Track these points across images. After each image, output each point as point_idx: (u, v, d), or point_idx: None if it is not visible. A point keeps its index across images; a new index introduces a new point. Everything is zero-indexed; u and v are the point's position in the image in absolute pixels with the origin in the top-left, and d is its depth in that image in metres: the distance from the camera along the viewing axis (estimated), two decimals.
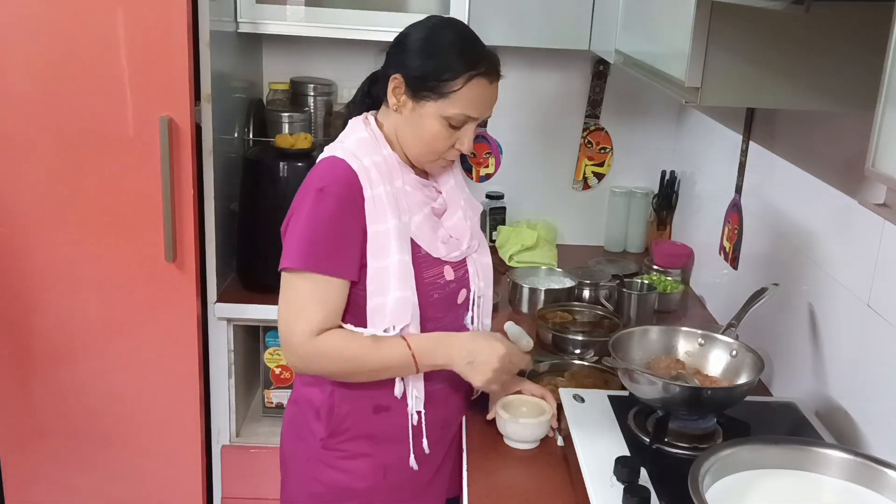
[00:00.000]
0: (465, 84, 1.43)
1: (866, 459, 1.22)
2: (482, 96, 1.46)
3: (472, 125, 1.48)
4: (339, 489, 1.56)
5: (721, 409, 1.46)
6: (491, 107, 1.50)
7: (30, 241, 2.21)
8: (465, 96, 1.44)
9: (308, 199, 1.43)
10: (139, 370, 2.32)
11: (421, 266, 1.49)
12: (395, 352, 1.44)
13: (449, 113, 1.44)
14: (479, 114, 1.47)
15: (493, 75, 1.47)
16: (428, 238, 1.51)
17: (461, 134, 1.48)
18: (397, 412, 1.53)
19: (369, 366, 1.45)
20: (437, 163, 1.52)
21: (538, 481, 1.46)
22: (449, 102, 1.44)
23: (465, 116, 1.45)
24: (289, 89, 2.64)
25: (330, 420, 1.54)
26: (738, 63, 1.30)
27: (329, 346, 1.43)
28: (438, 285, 1.52)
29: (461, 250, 1.57)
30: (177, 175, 2.15)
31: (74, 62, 2.08)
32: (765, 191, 1.99)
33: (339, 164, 1.45)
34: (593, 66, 2.74)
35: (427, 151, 1.49)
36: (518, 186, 2.83)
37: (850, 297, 1.53)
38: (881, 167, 0.77)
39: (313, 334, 1.42)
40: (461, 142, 1.48)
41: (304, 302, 1.43)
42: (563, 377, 1.78)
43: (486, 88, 1.46)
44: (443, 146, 1.48)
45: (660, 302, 2.24)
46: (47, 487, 2.41)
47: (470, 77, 1.43)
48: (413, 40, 1.48)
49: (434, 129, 1.46)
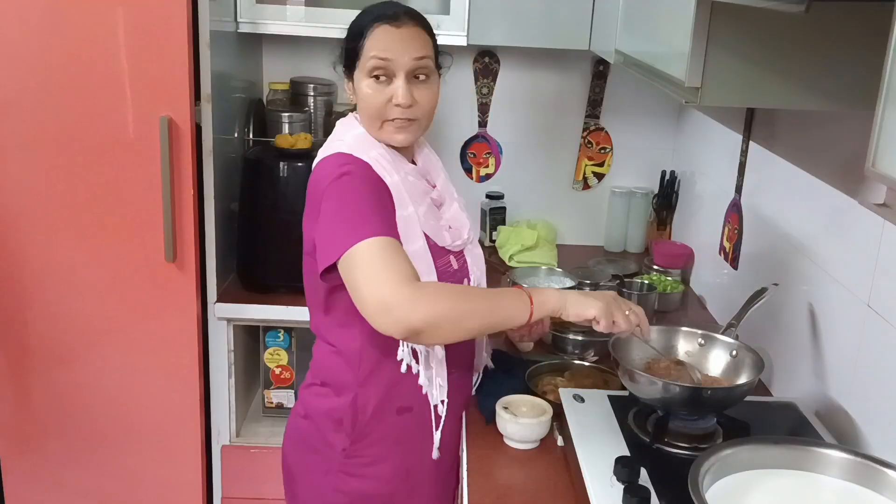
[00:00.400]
0: (369, 34, 1.46)
1: (866, 459, 1.22)
2: (387, 38, 1.46)
3: (401, 75, 1.46)
4: (362, 496, 1.56)
5: (721, 409, 1.46)
6: (406, 48, 1.46)
7: (30, 241, 2.21)
8: (371, 45, 1.46)
9: (333, 187, 1.39)
10: (139, 370, 2.32)
11: (433, 255, 1.50)
12: (508, 291, 1.42)
13: (367, 66, 1.46)
14: (391, 55, 1.45)
15: (397, 19, 1.47)
16: (433, 227, 1.52)
17: (392, 87, 1.46)
18: (419, 411, 1.54)
19: (483, 301, 1.37)
20: (385, 128, 1.49)
21: (538, 481, 1.46)
22: (364, 59, 1.47)
23: (376, 59, 1.45)
24: (289, 89, 2.64)
25: (354, 428, 1.53)
26: (738, 63, 1.30)
27: (437, 287, 1.36)
28: (448, 273, 1.54)
29: (462, 239, 1.59)
30: (177, 175, 2.15)
31: (74, 62, 2.08)
32: (765, 191, 1.99)
33: (347, 156, 1.45)
34: (593, 66, 2.74)
35: (372, 119, 1.49)
36: (518, 186, 2.83)
37: (850, 297, 1.53)
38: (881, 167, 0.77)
39: (408, 280, 1.29)
40: (395, 94, 1.46)
41: (382, 260, 1.31)
42: (563, 377, 1.78)
43: (392, 32, 1.46)
44: (376, 104, 1.47)
45: (660, 302, 2.24)
46: (47, 487, 2.41)
47: (371, 26, 1.46)
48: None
49: (365, 91, 1.47)
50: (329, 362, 1.56)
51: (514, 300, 1.37)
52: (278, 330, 2.47)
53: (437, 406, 1.55)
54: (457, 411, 1.64)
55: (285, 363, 2.50)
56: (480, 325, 1.38)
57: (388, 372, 1.51)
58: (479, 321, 1.36)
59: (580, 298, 1.41)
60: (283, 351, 2.49)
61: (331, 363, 1.55)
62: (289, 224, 2.33)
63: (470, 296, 1.38)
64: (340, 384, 1.54)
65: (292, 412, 1.67)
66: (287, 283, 2.37)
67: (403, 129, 1.49)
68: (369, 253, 1.31)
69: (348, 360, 1.52)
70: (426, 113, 1.51)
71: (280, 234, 2.34)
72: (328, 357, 1.56)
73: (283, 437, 1.68)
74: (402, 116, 1.47)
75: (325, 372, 1.57)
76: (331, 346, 1.55)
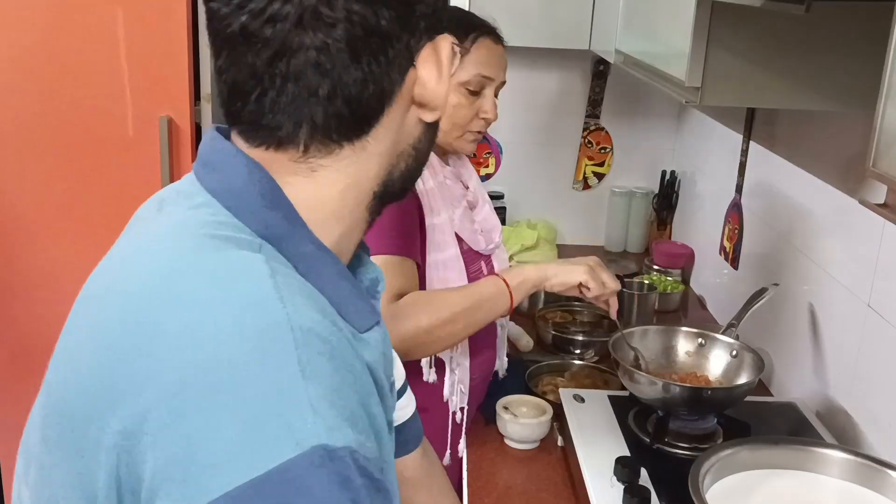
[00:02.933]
0: (473, 45, 1.46)
1: (867, 460, 1.22)
2: (491, 55, 1.48)
3: (491, 90, 1.49)
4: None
5: (721, 409, 1.46)
6: (502, 69, 1.50)
7: (30, 240, 2.21)
8: (474, 58, 1.46)
9: None
10: None
11: (466, 261, 1.50)
12: (483, 284, 1.41)
13: (464, 78, 1.45)
14: (492, 73, 1.48)
15: (496, 36, 1.50)
16: (469, 231, 1.53)
17: (482, 101, 1.48)
18: (435, 413, 1.52)
19: (461, 304, 1.37)
20: (464, 138, 1.51)
21: (538, 481, 1.46)
22: (461, 68, 1.44)
23: (479, 77, 1.46)
24: None
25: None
26: (739, 63, 1.30)
27: (414, 302, 1.35)
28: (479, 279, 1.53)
29: (495, 243, 1.59)
30: (177, 175, 2.16)
31: (74, 62, 2.08)
32: (765, 191, 1.99)
33: None
34: (593, 66, 2.74)
35: (453, 127, 1.49)
36: (518, 186, 2.83)
37: (850, 297, 1.53)
38: (881, 167, 0.77)
39: (394, 298, 1.34)
40: (484, 108, 1.48)
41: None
42: (563, 377, 1.78)
43: (493, 48, 1.48)
44: (466, 116, 1.48)
45: (660, 302, 2.24)
46: None
47: (475, 38, 1.46)
48: None
49: (454, 100, 1.46)
50: None
51: (491, 292, 1.38)
52: None
53: (456, 413, 1.53)
54: (471, 416, 1.63)
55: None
56: (464, 328, 1.39)
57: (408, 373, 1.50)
58: (461, 325, 1.37)
59: (562, 267, 1.41)
60: None
61: None
62: None
63: (447, 302, 1.37)
64: None
65: None
66: None
67: (478, 140, 1.54)
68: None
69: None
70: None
71: None
72: None
73: None
74: (483, 130, 1.51)
75: None
76: None
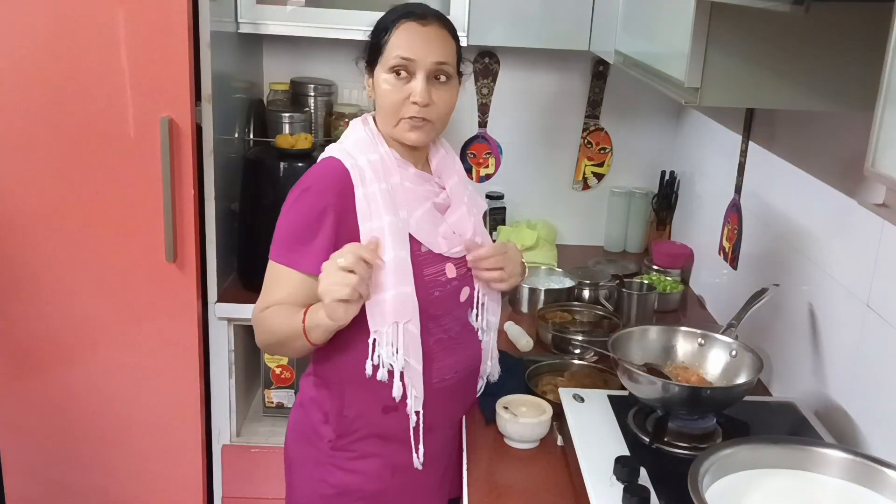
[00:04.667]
0: (394, 31, 1.47)
1: (866, 459, 1.22)
2: (413, 37, 1.47)
3: (422, 73, 1.46)
4: (348, 490, 1.56)
5: (720, 408, 1.46)
6: (431, 49, 1.47)
7: (30, 240, 2.21)
8: (395, 42, 1.47)
9: (291, 197, 1.50)
10: (139, 370, 2.32)
11: (421, 263, 1.49)
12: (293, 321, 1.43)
13: (389, 63, 1.47)
14: (414, 54, 1.46)
15: (423, 18, 1.48)
16: (428, 233, 1.51)
17: (411, 85, 1.47)
18: (405, 412, 1.52)
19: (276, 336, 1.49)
20: (400, 126, 1.50)
21: (538, 481, 1.46)
22: (386, 55, 1.48)
23: (399, 58, 1.46)
24: (289, 89, 2.64)
25: (339, 422, 1.54)
26: (738, 63, 1.30)
27: (263, 319, 1.49)
28: (439, 283, 1.52)
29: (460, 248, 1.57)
30: (177, 175, 2.16)
31: (75, 62, 2.08)
32: (764, 191, 1.99)
33: (333, 163, 1.49)
34: (593, 67, 2.74)
35: (387, 114, 1.50)
36: (518, 186, 2.83)
37: (849, 297, 1.53)
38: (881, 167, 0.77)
39: (259, 311, 1.50)
40: (413, 92, 1.46)
41: (265, 285, 1.51)
42: (563, 377, 1.79)
43: (417, 30, 1.47)
44: (394, 101, 1.47)
45: (660, 302, 2.25)
46: (47, 487, 2.42)
47: (395, 23, 1.48)
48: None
49: (384, 87, 1.48)
50: (322, 355, 1.56)
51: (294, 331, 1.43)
52: None
53: (411, 416, 1.52)
54: (452, 417, 1.62)
55: (285, 363, 2.50)
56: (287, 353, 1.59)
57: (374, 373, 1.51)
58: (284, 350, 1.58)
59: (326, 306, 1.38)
60: None
61: (324, 356, 1.55)
62: None
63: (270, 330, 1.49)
64: (329, 376, 1.55)
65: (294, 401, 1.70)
66: None
67: (417, 128, 1.49)
68: (267, 273, 1.51)
69: (337, 354, 1.52)
70: (441, 115, 1.51)
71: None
72: (322, 349, 1.54)
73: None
74: (417, 115, 1.48)
75: (318, 364, 1.59)
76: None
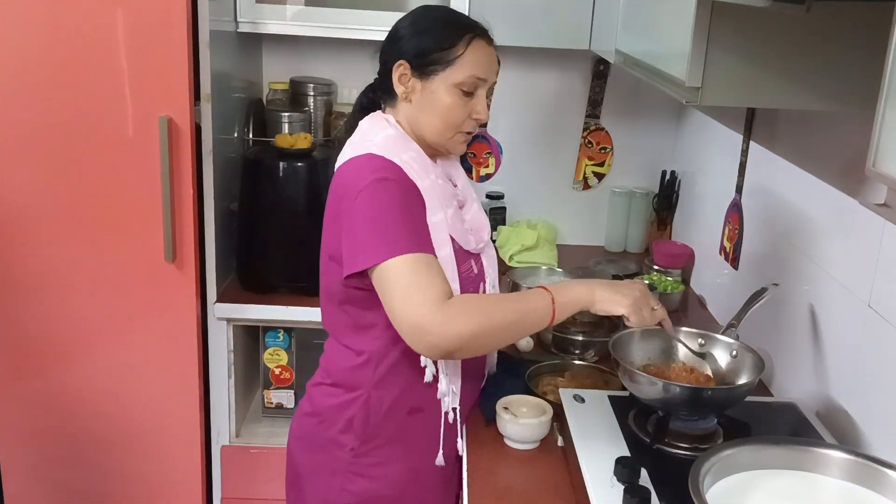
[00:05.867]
0: (468, 47, 1.47)
1: (867, 460, 1.22)
2: (485, 57, 1.49)
3: (483, 91, 1.50)
4: (370, 497, 1.55)
5: (721, 409, 1.46)
6: (494, 70, 1.52)
7: (29, 240, 2.21)
8: (469, 59, 1.47)
9: (370, 192, 1.37)
10: (139, 370, 2.32)
11: (457, 260, 1.49)
12: (533, 296, 1.38)
13: (459, 79, 1.46)
14: (486, 74, 1.49)
15: (488, 37, 1.52)
16: (460, 231, 1.52)
17: (474, 102, 1.49)
18: (430, 413, 1.53)
19: (511, 314, 1.35)
20: (456, 138, 1.52)
21: (538, 481, 1.46)
22: (456, 69, 1.46)
23: (474, 78, 1.47)
24: (289, 89, 2.64)
25: (365, 429, 1.52)
26: (739, 63, 1.30)
27: (464, 305, 1.33)
28: (470, 279, 1.54)
29: (484, 242, 1.60)
30: (176, 175, 2.15)
31: (74, 62, 2.07)
32: (765, 191, 1.99)
33: (381, 159, 1.43)
34: (593, 66, 2.74)
35: (446, 127, 1.50)
36: (518, 186, 2.83)
37: (850, 297, 1.53)
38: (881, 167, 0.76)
39: (441, 300, 1.30)
40: (476, 109, 1.49)
41: (414, 279, 1.31)
42: (563, 377, 1.78)
43: (486, 49, 1.50)
44: (459, 117, 1.49)
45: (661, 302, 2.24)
46: (47, 487, 2.41)
47: (470, 39, 1.47)
48: (404, 27, 1.52)
49: (447, 100, 1.47)
50: (343, 362, 1.54)
51: (539, 306, 1.36)
52: (278, 330, 2.47)
53: (448, 413, 1.54)
54: (465, 416, 1.63)
55: (285, 363, 2.50)
56: (509, 337, 1.41)
57: (405, 374, 1.50)
58: (508, 333, 1.38)
59: (609, 295, 1.39)
60: (283, 351, 2.49)
61: (345, 363, 1.53)
62: (289, 224, 2.34)
63: (498, 308, 1.36)
64: (353, 384, 1.53)
65: (298, 410, 1.65)
66: (287, 283, 2.37)
67: (468, 140, 1.54)
68: (404, 271, 1.32)
69: (365, 360, 1.50)
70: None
71: (280, 234, 2.34)
72: (342, 357, 1.54)
73: (288, 434, 1.67)
74: (473, 130, 1.52)
75: (337, 371, 1.56)
76: (345, 347, 1.54)
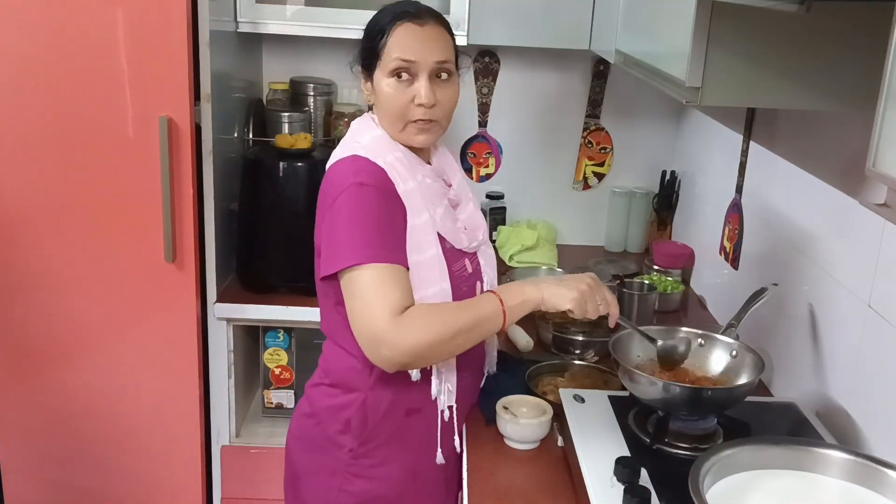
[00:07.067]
0: (391, 33, 1.45)
1: (867, 460, 1.22)
2: (410, 38, 1.45)
3: (424, 75, 1.45)
4: (368, 498, 1.55)
5: (721, 409, 1.46)
6: (431, 49, 1.46)
7: (29, 240, 2.20)
8: (392, 43, 1.45)
9: (347, 196, 1.39)
10: (139, 370, 2.32)
11: (448, 259, 1.49)
12: (482, 302, 1.39)
13: (389, 66, 1.45)
14: (414, 55, 1.44)
15: (420, 17, 1.47)
16: (451, 230, 1.52)
17: (415, 87, 1.46)
18: (428, 413, 1.53)
19: (461, 322, 1.36)
20: (408, 129, 1.49)
21: (538, 481, 1.46)
22: (384, 58, 1.46)
23: (399, 60, 1.44)
24: (289, 89, 2.64)
25: (363, 430, 1.52)
26: (739, 63, 1.30)
27: (417, 317, 1.35)
28: (464, 278, 1.53)
29: (478, 241, 1.59)
30: (176, 175, 2.15)
31: (74, 62, 2.07)
32: (765, 191, 1.99)
33: (363, 161, 1.44)
34: (593, 66, 2.74)
35: (392, 119, 1.48)
36: (518, 186, 2.83)
37: (850, 297, 1.53)
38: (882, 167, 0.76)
39: (396, 313, 1.33)
40: (417, 94, 1.45)
41: (375, 290, 1.35)
42: (563, 377, 1.78)
43: (415, 30, 1.45)
44: (399, 105, 1.46)
45: (660, 302, 2.24)
46: (47, 487, 2.41)
47: (392, 25, 1.45)
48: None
49: (386, 91, 1.46)
50: (340, 363, 1.54)
51: (488, 312, 1.38)
52: (278, 330, 2.47)
53: (444, 412, 1.54)
54: (464, 415, 1.63)
55: (285, 363, 2.50)
56: (462, 344, 1.39)
57: (401, 375, 1.49)
58: (460, 341, 1.38)
59: (555, 290, 1.40)
60: (283, 351, 2.49)
61: (342, 364, 1.54)
62: (289, 224, 2.34)
63: (451, 319, 1.37)
64: (351, 385, 1.53)
65: (296, 410, 1.65)
66: (287, 283, 2.37)
67: (425, 130, 1.49)
68: (368, 281, 1.35)
69: (361, 361, 1.49)
70: (446, 113, 1.51)
71: (280, 234, 2.34)
72: (339, 358, 1.54)
73: (287, 435, 1.67)
74: (424, 117, 1.47)
75: (335, 372, 1.56)
76: (342, 348, 1.54)
